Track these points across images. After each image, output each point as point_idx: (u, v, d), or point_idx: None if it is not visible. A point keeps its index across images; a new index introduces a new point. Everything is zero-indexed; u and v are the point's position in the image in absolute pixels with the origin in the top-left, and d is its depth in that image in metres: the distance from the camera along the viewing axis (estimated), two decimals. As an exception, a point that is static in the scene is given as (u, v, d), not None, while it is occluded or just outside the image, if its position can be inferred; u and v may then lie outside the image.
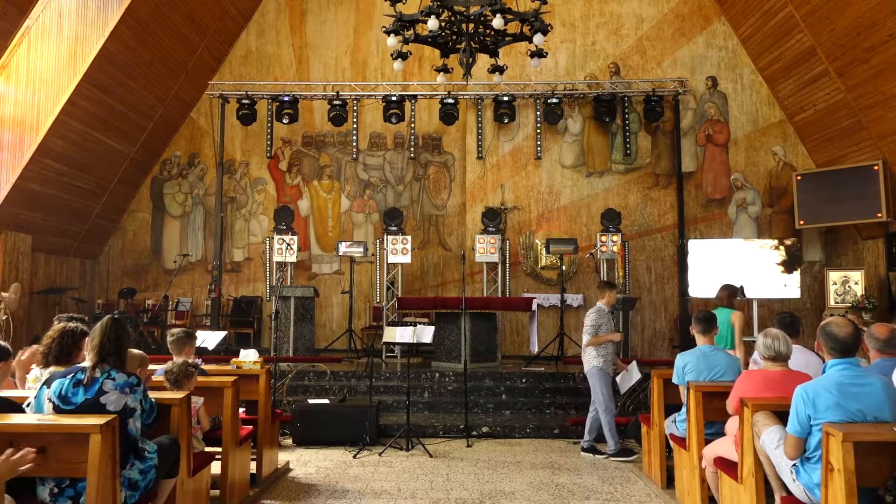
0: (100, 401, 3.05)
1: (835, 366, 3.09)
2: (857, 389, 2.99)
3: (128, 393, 3.10)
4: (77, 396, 3.05)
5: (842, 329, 3.13)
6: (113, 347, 3.15)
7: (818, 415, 2.98)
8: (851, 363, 3.08)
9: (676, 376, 4.80)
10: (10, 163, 8.85)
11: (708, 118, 11.17)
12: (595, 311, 6.33)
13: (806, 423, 3.03)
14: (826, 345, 3.18)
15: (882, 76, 8.42)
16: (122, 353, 3.20)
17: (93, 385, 3.06)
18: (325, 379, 8.38)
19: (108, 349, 3.13)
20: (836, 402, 2.97)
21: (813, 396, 3.01)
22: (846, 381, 3.01)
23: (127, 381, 3.13)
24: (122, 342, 3.21)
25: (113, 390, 3.07)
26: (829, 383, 3.03)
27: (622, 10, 11.41)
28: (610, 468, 5.91)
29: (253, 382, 5.35)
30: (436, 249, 11.56)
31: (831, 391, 2.99)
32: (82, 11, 8.93)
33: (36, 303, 9.87)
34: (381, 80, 11.48)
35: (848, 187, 9.65)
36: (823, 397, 2.99)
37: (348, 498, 4.98)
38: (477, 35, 5.91)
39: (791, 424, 3.11)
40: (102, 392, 3.06)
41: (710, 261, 10.06)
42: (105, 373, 3.10)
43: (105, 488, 2.87)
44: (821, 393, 3.01)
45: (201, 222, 11.81)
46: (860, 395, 2.98)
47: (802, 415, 3.04)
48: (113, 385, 3.08)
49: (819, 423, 2.96)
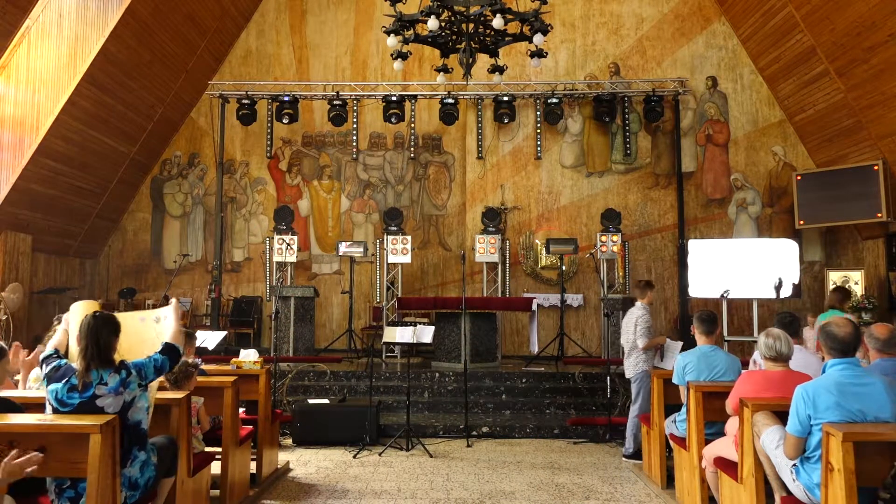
0: (96, 404, 3.06)
1: (835, 366, 3.09)
2: (858, 389, 2.99)
3: (122, 392, 3.09)
4: (73, 399, 3.05)
5: (842, 329, 3.13)
6: (96, 351, 3.11)
7: (818, 414, 2.98)
8: (852, 363, 3.08)
9: (677, 376, 4.80)
10: (10, 163, 8.85)
11: (708, 118, 11.17)
12: (642, 311, 6.15)
13: (806, 423, 3.03)
14: (826, 344, 3.18)
15: (882, 76, 8.41)
16: (107, 352, 3.15)
17: (87, 390, 3.06)
18: (325, 379, 8.38)
19: (92, 352, 3.10)
20: (836, 402, 2.96)
21: (813, 396, 3.01)
22: (846, 381, 3.01)
23: (119, 380, 3.10)
24: (106, 341, 3.15)
25: (107, 394, 3.07)
26: (829, 383, 3.03)
27: (622, 10, 11.41)
28: (610, 468, 5.91)
29: (253, 382, 5.35)
30: (436, 249, 11.56)
31: (831, 391, 2.99)
32: (82, 11, 8.93)
33: (36, 303, 9.87)
34: (381, 80, 11.48)
35: (848, 187, 9.65)
36: (824, 397, 2.99)
37: (348, 498, 4.98)
38: (477, 35, 5.90)
39: (791, 424, 3.11)
40: (97, 396, 3.06)
41: (710, 261, 10.05)
42: (97, 377, 3.08)
43: (105, 488, 2.87)
44: (821, 393, 3.01)
45: (201, 222, 11.81)
46: (861, 394, 2.98)
47: (803, 414, 3.03)
48: (107, 389, 3.07)
49: (819, 422, 2.96)
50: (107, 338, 3.17)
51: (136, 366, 3.19)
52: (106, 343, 3.16)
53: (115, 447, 2.98)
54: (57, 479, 3.00)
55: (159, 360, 3.26)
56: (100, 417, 2.96)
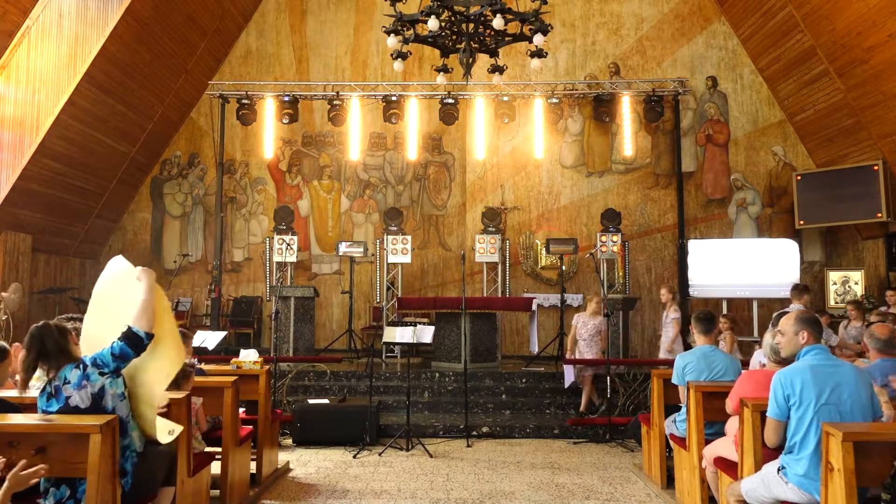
0: (70, 405, 3.05)
1: (808, 352, 3.24)
2: (830, 370, 3.15)
3: (85, 385, 3.06)
4: (52, 407, 3.07)
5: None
6: (45, 352, 3.09)
7: (795, 395, 3.12)
8: (822, 349, 3.24)
9: (676, 377, 4.79)
10: (10, 163, 8.84)
11: (708, 118, 11.17)
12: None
13: (784, 406, 3.17)
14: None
15: (882, 76, 8.41)
16: (56, 354, 3.12)
17: (59, 394, 3.07)
18: (325, 379, 8.38)
19: (44, 357, 3.08)
20: (811, 380, 3.11)
21: (790, 378, 3.17)
22: (818, 364, 3.17)
23: (80, 375, 3.07)
24: (51, 343, 3.12)
25: (73, 392, 3.06)
26: (803, 366, 3.19)
27: (622, 10, 11.41)
28: (610, 468, 5.91)
29: (253, 382, 5.35)
30: (436, 249, 11.56)
31: (805, 372, 3.15)
32: (82, 11, 8.92)
33: (36, 303, 9.87)
34: (381, 80, 11.47)
35: (848, 187, 9.65)
36: (798, 379, 3.15)
37: (348, 498, 4.98)
38: (477, 35, 5.90)
39: (770, 409, 3.24)
40: (68, 397, 3.06)
41: (710, 261, 10.06)
42: (62, 378, 3.08)
43: (105, 488, 2.87)
44: (796, 375, 3.17)
45: (201, 222, 11.81)
46: (833, 374, 3.13)
47: (780, 398, 3.18)
48: (71, 387, 3.06)
49: (796, 403, 3.11)
50: (55, 341, 3.12)
51: (93, 359, 3.11)
52: (55, 346, 3.11)
53: (115, 447, 2.98)
54: (56, 493, 2.99)
55: (116, 348, 3.10)
56: (100, 417, 2.96)
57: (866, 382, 3.17)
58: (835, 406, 3.05)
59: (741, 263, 9.89)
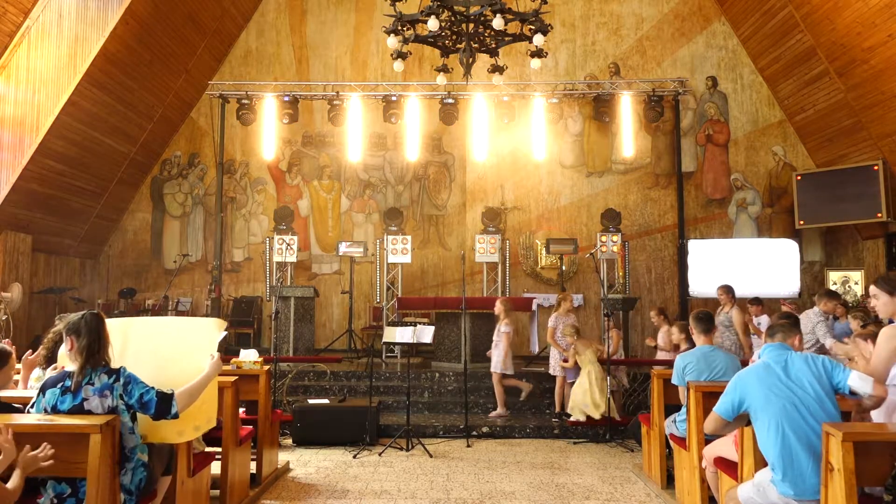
0: (84, 407, 3.04)
1: (766, 348, 3.33)
2: (780, 366, 3.20)
3: (107, 395, 3.05)
4: (64, 404, 3.04)
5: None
6: (98, 346, 3.11)
7: (747, 397, 3.19)
8: (780, 346, 3.29)
9: (676, 377, 4.79)
10: (10, 163, 8.84)
11: (708, 118, 11.18)
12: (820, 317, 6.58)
13: (732, 410, 3.24)
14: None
15: (882, 76, 8.41)
16: (105, 350, 3.15)
17: (78, 391, 3.05)
18: (325, 379, 8.38)
19: (94, 349, 3.09)
20: (760, 379, 3.18)
21: (745, 379, 3.25)
22: (772, 362, 3.22)
23: (104, 383, 3.06)
24: (105, 341, 3.16)
25: (92, 396, 3.04)
26: (759, 365, 3.27)
27: (622, 10, 11.41)
28: (610, 468, 5.91)
29: (253, 382, 5.35)
30: (436, 249, 11.56)
31: (759, 372, 3.22)
32: (82, 11, 8.92)
33: (36, 303, 9.87)
34: (381, 80, 11.47)
35: (848, 187, 9.65)
36: (753, 378, 3.21)
37: (348, 498, 4.98)
38: (477, 35, 5.90)
39: (722, 405, 3.29)
40: (85, 399, 3.04)
41: (710, 261, 10.06)
42: (87, 376, 3.06)
43: (105, 488, 2.87)
44: (751, 375, 3.24)
45: (201, 222, 11.81)
46: (787, 367, 3.18)
47: (736, 401, 3.23)
48: (92, 390, 3.04)
49: (748, 406, 3.19)
50: (106, 337, 3.17)
51: (128, 377, 3.11)
52: (104, 342, 3.15)
53: (115, 447, 2.98)
54: (56, 489, 2.98)
55: (148, 395, 3.09)
56: (100, 418, 2.96)
57: (815, 372, 3.21)
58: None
59: (741, 263, 9.89)
